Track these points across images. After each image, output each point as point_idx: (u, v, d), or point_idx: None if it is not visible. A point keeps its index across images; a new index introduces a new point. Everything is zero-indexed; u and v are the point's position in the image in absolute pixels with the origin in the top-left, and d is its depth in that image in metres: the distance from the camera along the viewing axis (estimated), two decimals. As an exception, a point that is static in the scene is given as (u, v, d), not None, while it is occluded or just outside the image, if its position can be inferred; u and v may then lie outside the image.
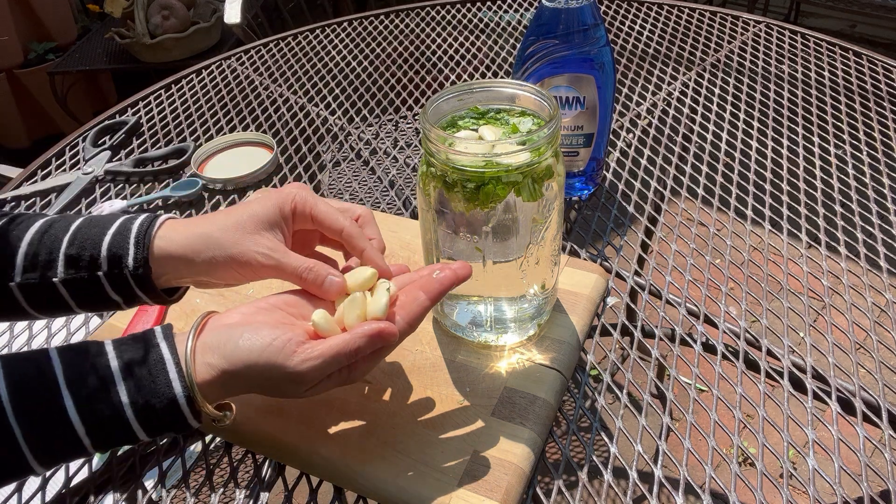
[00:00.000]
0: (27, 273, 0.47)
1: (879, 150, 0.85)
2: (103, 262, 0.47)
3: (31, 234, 0.47)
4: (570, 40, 0.65)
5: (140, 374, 0.41)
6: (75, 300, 0.48)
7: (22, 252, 0.47)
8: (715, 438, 0.53)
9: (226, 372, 0.42)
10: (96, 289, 0.47)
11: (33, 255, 0.47)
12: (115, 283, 0.47)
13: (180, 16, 2.14)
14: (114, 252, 0.47)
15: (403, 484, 0.48)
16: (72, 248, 0.47)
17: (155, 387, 0.41)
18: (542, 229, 0.50)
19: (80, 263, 0.47)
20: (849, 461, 0.49)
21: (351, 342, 0.43)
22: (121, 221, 0.48)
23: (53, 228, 0.48)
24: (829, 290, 0.65)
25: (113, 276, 0.47)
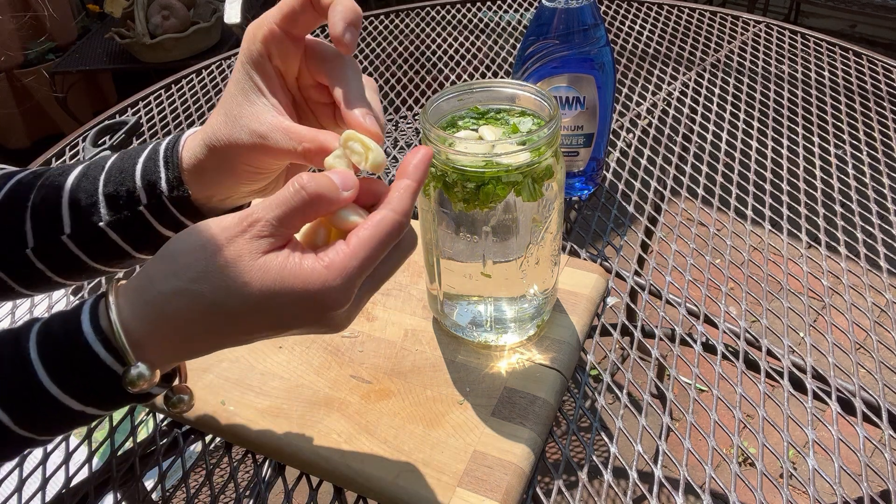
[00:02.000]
0: (76, 224, 0.43)
1: (879, 150, 0.85)
2: (141, 194, 0.42)
3: (70, 182, 0.44)
4: (570, 40, 0.65)
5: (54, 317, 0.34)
6: (129, 243, 0.44)
7: (66, 203, 0.43)
8: (715, 438, 0.53)
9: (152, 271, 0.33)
10: (144, 226, 0.43)
11: (75, 204, 0.43)
12: (160, 214, 0.43)
13: (180, 16, 2.14)
14: (148, 179, 0.42)
15: (403, 484, 0.48)
16: (109, 187, 0.43)
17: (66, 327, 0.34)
18: (542, 229, 0.50)
19: (119, 201, 0.43)
20: (849, 461, 0.49)
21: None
22: (151, 146, 0.44)
23: (90, 171, 0.44)
24: (829, 290, 0.65)
25: (154, 208, 0.42)
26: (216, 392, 0.56)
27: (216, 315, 0.32)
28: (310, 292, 0.32)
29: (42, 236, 0.43)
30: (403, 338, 0.59)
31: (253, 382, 0.56)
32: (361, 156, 0.36)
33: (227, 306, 0.32)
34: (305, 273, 0.32)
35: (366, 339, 0.59)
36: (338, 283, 0.33)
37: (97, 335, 0.33)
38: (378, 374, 0.56)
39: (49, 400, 0.33)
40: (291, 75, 0.41)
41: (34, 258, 0.44)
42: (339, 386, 0.55)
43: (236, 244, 0.32)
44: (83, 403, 0.34)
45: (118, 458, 0.55)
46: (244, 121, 0.39)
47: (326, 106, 0.43)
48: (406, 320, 0.61)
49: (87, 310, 0.34)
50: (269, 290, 0.32)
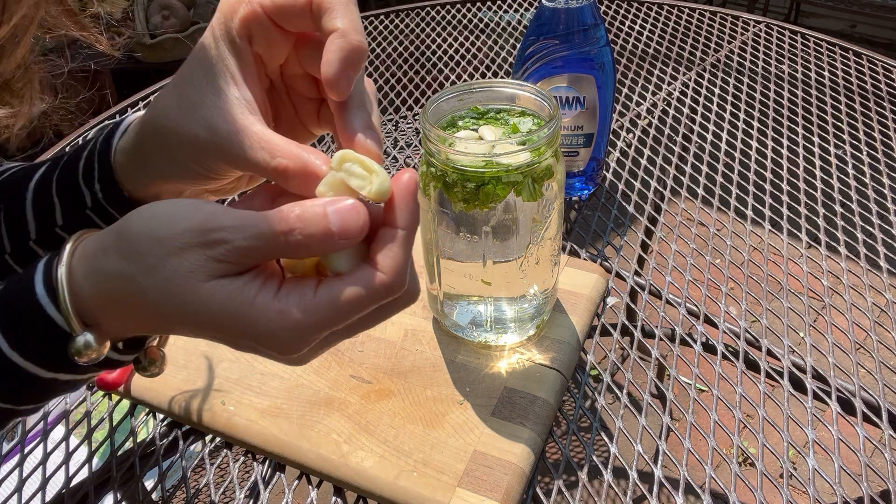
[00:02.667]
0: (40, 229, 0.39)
1: (879, 150, 0.85)
2: (85, 195, 0.38)
3: (32, 185, 0.40)
4: (570, 40, 0.65)
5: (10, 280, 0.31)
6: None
7: (29, 208, 0.39)
8: (715, 438, 0.53)
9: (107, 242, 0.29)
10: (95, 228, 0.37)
11: (37, 208, 0.39)
12: (104, 216, 0.38)
13: (180, 16, 2.14)
14: (87, 179, 0.37)
15: (403, 484, 0.48)
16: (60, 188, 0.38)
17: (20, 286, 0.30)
18: (542, 229, 0.50)
19: (69, 204, 0.38)
20: (849, 461, 0.49)
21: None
22: (94, 138, 0.39)
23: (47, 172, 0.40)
24: (829, 290, 0.65)
25: (98, 209, 0.38)
26: (216, 392, 0.56)
27: (154, 314, 0.29)
28: (253, 332, 0.28)
29: (14, 243, 0.40)
30: (403, 338, 0.59)
31: (253, 382, 0.56)
32: (364, 181, 0.29)
33: (165, 310, 0.28)
34: (254, 312, 0.28)
35: (366, 339, 0.59)
36: (285, 335, 0.28)
37: (49, 295, 0.30)
38: (378, 374, 0.56)
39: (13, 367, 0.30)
40: (275, 62, 0.34)
41: (12, 263, 0.41)
42: (339, 386, 0.55)
43: (191, 257, 0.27)
44: (49, 370, 0.31)
45: (118, 458, 0.55)
46: (204, 111, 0.32)
47: (311, 101, 0.36)
48: (406, 320, 0.61)
49: (41, 267, 0.30)
50: (210, 315, 0.28)
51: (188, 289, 0.27)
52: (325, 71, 0.30)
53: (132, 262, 0.28)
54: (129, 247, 0.28)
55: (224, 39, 0.32)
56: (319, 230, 0.27)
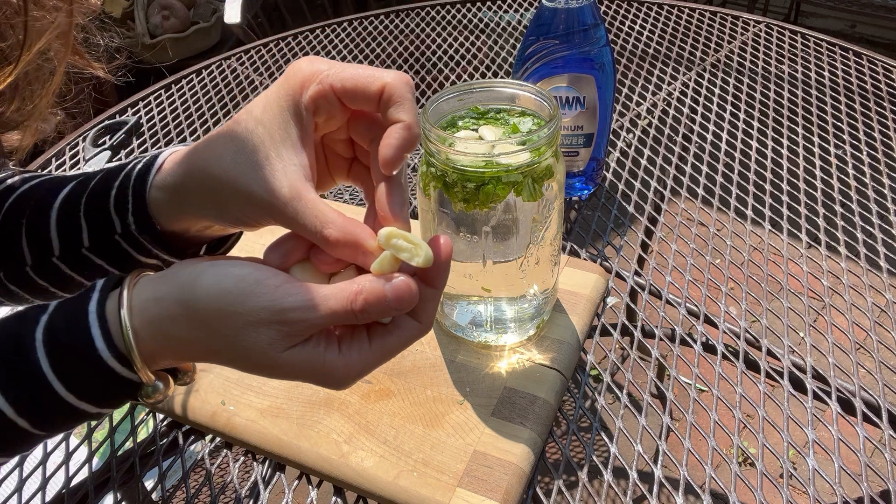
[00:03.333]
0: (64, 246, 0.41)
1: (879, 150, 0.85)
2: (115, 222, 0.40)
3: (59, 202, 0.41)
4: (570, 40, 0.65)
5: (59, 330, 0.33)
6: (114, 266, 0.42)
7: (53, 224, 0.41)
8: (715, 438, 0.53)
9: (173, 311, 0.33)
10: (122, 254, 0.41)
11: (62, 226, 0.41)
12: (134, 244, 0.40)
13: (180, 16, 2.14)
14: (118, 208, 0.39)
15: (403, 484, 0.48)
16: (89, 211, 0.40)
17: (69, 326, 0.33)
18: (542, 229, 0.50)
19: (97, 228, 0.40)
20: (849, 461, 0.49)
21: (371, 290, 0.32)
22: (128, 167, 0.40)
23: (75, 191, 0.42)
24: (829, 290, 0.65)
25: (128, 237, 0.40)
26: (216, 392, 0.56)
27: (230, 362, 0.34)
28: (321, 377, 0.34)
29: (36, 256, 0.42)
30: (403, 338, 0.59)
31: (253, 382, 0.56)
32: (411, 253, 0.33)
33: (241, 365, 0.34)
34: (326, 367, 0.33)
35: (366, 339, 0.59)
36: (351, 378, 0.34)
37: (111, 351, 0.33)
38: (378, 374, 0.56)
39: (65, 406, 0.34)
40: (328, 130, 0.38)
41: (33, 275, 0.43)
42: (339, 386, 0.55)
43: (267, 332, 0.32)
44: (102, 407, 0.35)
45: (118, 458, 0.55)
46: (265, 173, 0.34)
47: (344, 160, 0.40)
48: (406, 320, 0.61)
49: (96, 323, 0.33)
50: (284, 372, 0.33)
51: (266, 358, 0.32)
52: (385, 153, 0.34)
53: (204, 331, 0.32)
54: (201, 319, 0.32)
55: (290, 110, 0.35)
56: (381, 307, 0.32)
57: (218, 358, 0.34)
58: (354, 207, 0.77)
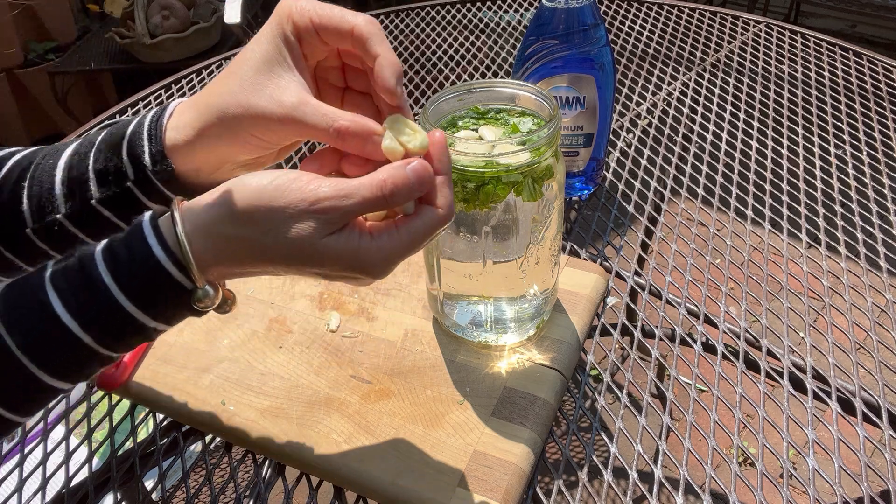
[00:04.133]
0: (69, 201, 0.43)
1: (879, 150, 0.85)
2: (128, 169, 0.42)
3: (63, 162, 0.44)
4: (570, 40, 0.65)
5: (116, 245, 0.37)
6: (121, 219, 0.44)
7: (59, 182, 0.43)
8: (715, 438, 0.53)
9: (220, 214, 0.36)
10: (133, 202, 0.43)
11: (69, 183, 0.43)
12: (146, 189, 0.43)
13: (180, 16, 2.14)
14: (132, 154, 0.42)
15: (403, 484, 0.48)
16: (98, 164, 0.43)
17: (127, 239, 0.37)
18: (542, 229, 0.50)
19: (108, 177, 0.43)
20: (849, 461, 0.49)
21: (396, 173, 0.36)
22: (138, 119, 0.44)
23: (81, 149, 0.44)
24: (829, 290, 0.65)
25: (141, 183, 0.42)
26: (216, 392, 0.56)
27: (274, 260, 0.37)
28: (358, 263, 0.37)
29: (40, 218, 0.44)
30: (403, 338, 0.59)
31: (253, 382, 0.56)
32: (410, 137, 0.38)
33: (286, 259, 0.37)
34: (361, 253, 0.37)
35: (366, 339, 0.59)
36: (383, 264, 0.37)
37: (169, 257, 0.36)
38: (378, 374, 0.56)
39: (127, 317, 0.37)
40: (314, 61, 0.43)
41: (35, 238, 0.44)
42: (339, 386, 0.55)
43: (306, 222, 0.36)
44: (155, 318, 0.37)
45: (118, 458, 0.55)
46: (270, 90, 0.39)
47: (337, 89, 0.45)
48: (406, 320, 0.61)
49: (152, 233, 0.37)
50: (325, 260, 0.37)
51: (308, 246, 0.36)
52: (383, 83, 0.39)
53: (250, 228, 0.36)
54: (246, 215, 0.36)
55: (280, 37, 0.40)
56: (406, 187, 0.36)
57: (264, 256, 0.37)
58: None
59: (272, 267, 0.38)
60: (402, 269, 0.66)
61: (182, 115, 0.42)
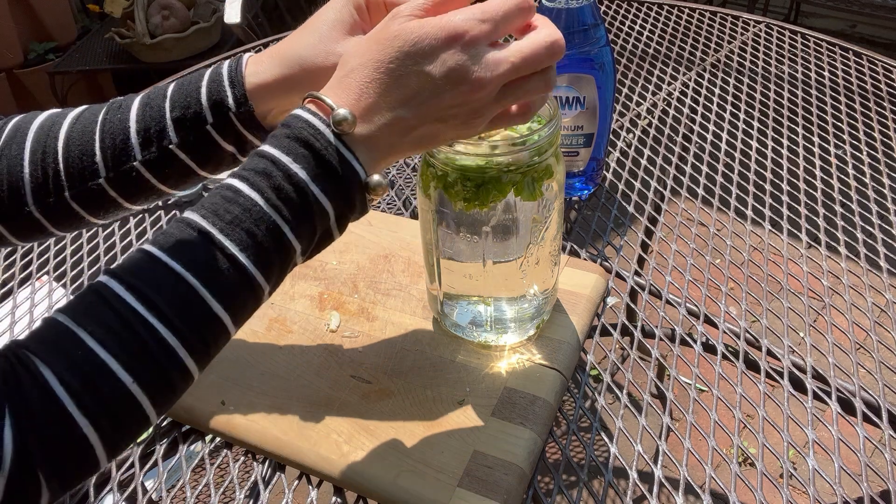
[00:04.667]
0: (144, 149, 0.47)
1: (879, 150, 0.85)
2: (207, 114, 0.47)
3: (133, 113, 0.48)
4: (570, 40, 0.65)
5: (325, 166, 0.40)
6: (196, 162, 0.49)
7: (133, 131, 0.48)
8: (715, 438, 0.53)
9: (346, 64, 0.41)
10: (210, 144, 0.48)
11: (144, 131, 0.47)
12: (225, 131, 0.48)
13: (180, 16, 2.14)
14: (214, 99, 0.47)
15: (403, 484, 0.48)
16: (175, 111, 0.47)
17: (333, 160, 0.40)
18: (542, 229, 0.50)
19: (187, 123, 0.47)
20: (849, 461, 0.49)
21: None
22: (210, 71, 0.48)
23: (152, 101, 0.48)
24: (829, 290, 0.65)
25: (220, 125, 0.48)
26: (216, 392, 0.56)
27: (410, 74, 0.39)
28: (467, 66, 0.39)
29: (115, 166, 0.48)
30: (403, 338, 0.59)
31: (253, 382, 0.56)
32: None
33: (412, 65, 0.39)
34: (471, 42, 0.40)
35: (366, 339, 0.59)
36: (492, 66, 0.39)
37: (351, 156, 0.40)
38: (378, 374, 0.56)
39: (318, 205, 0.39)
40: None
41: (108, 187, 0.48)
42: (339, 386, 0.55)
43: (414, 21, 0.39)
44: (338, 207, 0.40)
45: (118, 458, 0.55)
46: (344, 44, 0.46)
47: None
48: (406, 320, 0.61)
49: (330, 135, 0.40)
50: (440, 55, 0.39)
51: (420, 37, 0.39)
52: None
53: (374, 45, 0.40)
54: (366, 43, 0.41)
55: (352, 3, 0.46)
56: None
57: (397, 63, 0.39)
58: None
59: (410, 78, 0.39)
60: (402, 269, 0.66)
61: (259, 64, 0.47)
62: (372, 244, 0.69)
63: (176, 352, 0.37)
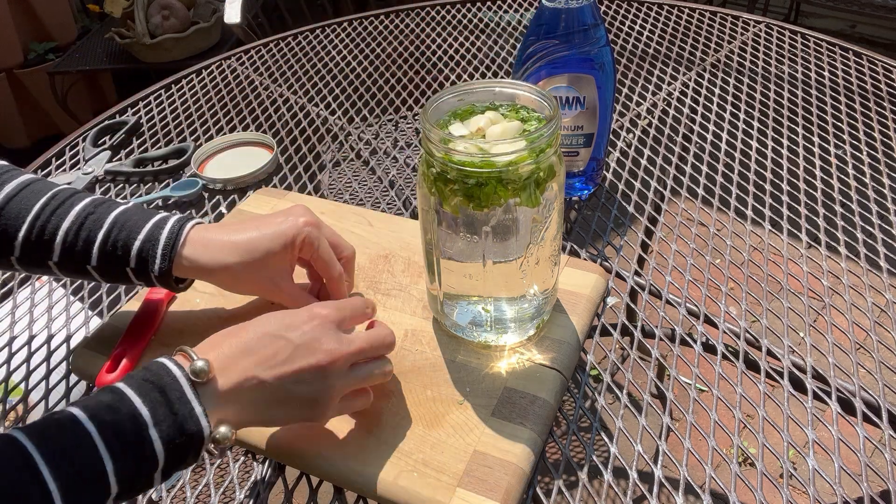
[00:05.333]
0: (63, 257, 0.54)
1: (879, 150, 0.85)
2: (132, 261, 0.54)
3: (67, 225, 0.54)
4: (570, 40, 0.65)
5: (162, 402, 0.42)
6: (104, 279, 0.56)
7: (59, 239, 0.53)
8: (715, 438, 0.53)
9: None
10: (122, 275, 0.55)
11: (71, 244, 0.53)
12: (140, 276, 0.55)
13: (180, 16, 2.13)
14: (142, 257, 0.54)
15: (403, 484, 0.48)
16: (106, 245, 0.54)
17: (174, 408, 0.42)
18: (542, 229, 0.50)
19: (111, 258, 0.54)
20: (849, 461, 0.49)
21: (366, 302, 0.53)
22: (150, 226, 0.54)
23: (89, 221, 0.54)
24: (829, 290, 0.65)
25: (139, 272, 0.54)
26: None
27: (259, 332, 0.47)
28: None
29: (29, 254, 0.54)
30: (403, 338, 0.59)
31: (253, 382, 0.56)
32: None
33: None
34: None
35: (366, 339, 0.59)
36: (304, 318, 0.48)
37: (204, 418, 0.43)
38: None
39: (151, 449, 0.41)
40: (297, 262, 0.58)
41: (16, 265, 0.55)
42: (339, 386, 0.55)
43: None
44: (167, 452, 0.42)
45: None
46: (271, 275, 0.56)
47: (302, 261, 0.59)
48: (406, 320, 0.61)
49: (201, 414, 0.43)
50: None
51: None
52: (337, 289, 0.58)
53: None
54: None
55: (289, 249, 0.55)
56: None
57: (266, 329, 0.46)
58: (390, 216, 0.77)
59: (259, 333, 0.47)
60: (402, 269, 0.66)
61: (196, 251, 0.54)
62: (372, 244, 0.69)
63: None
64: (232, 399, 0.44)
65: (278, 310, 0.49)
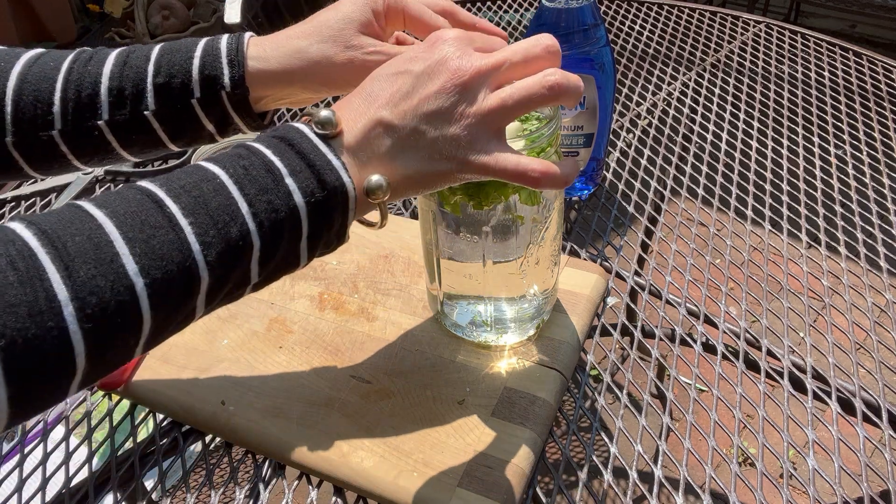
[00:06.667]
0: (115, 110, 0.44)
1: (879, 150, 0.85)
2: (196, 87, 0.45)
3: (109, 69, 0.45)
4: (570, 40, 0.65)
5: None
6: (168, 133, 0.46)
7: (105, 88, 0.44)
8: (715, 438, 0.53)
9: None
10: (190, 119, 0.46)
11: (118, 91, 0.44)
12: (211, 108, 0.45)
13: (180, 16, 2.14)
14: (207, 74, 0.44)
15: (403, 484, 0.48)
16: (159, 77, 0.44)
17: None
18: (542, 229, 0.50)
19: (171, 92, 0.44)
20: (849, 461, 0.49)
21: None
22: (205, 43, 0.46)
23: (132, 61, 0.45)
24: (829, 290, 0.65)
25: (208, 102, 0.45)
26: (216, 392, 0.56)
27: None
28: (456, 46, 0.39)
29: (75, 120, 0.44)
30: (403, 338, 0.59)
31: (253, 383, 0.56)
32: None
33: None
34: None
35: (366, 339, 0.59)
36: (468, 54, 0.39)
37: (349, 178, 0.37)
38: (378, 374, 0.56)
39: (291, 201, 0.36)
40: (388, 29, 0.49)
41: (60, 141, 0.44)
42: (339, 386, 0.55)
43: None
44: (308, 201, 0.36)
45: (118, 458, 0.55)
46: (346, 54, 0.45)
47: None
48: (406, 320, 0.61)
49: (340, 166, 0.37)
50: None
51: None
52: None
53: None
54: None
55: (369, 10, 0.46)
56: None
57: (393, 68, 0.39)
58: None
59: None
60: (402, 269, 0.66)
61: (263, 49, 0.45)
62: (372, 244, 0.69)
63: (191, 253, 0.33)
64: (365, 151, 0.38)
65: None
